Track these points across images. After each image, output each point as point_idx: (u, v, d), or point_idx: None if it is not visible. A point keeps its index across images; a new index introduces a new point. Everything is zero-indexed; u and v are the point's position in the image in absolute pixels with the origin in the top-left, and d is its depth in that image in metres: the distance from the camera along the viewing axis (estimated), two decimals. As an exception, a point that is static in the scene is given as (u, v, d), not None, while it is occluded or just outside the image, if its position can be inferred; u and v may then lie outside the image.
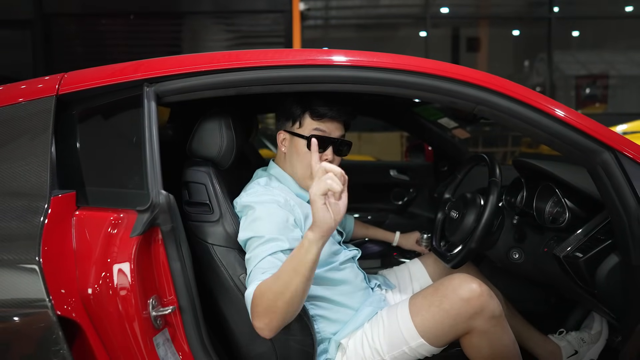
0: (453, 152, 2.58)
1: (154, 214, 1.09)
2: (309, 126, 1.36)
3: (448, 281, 1.26)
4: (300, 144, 1.37)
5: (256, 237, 1.21)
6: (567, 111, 1.19)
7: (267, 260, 1.16)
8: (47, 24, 6.87)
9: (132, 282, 1.06)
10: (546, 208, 1.49)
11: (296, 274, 1.06)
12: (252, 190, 1.34)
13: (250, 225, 1.24)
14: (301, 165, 1.37)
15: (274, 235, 1.20)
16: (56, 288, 1.01)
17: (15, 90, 1.24)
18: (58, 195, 1.10)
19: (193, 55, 1.26)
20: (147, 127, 1.15)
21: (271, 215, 1.25)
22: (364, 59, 1.23)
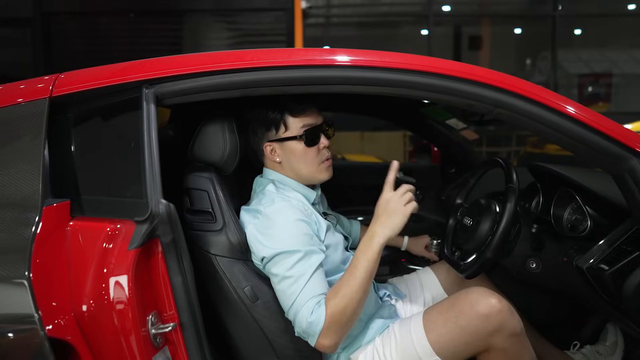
0: (461, 153, 2.52)
1: (154, 224, 1.03)
2: (295, 125, 1.31)
3: (465, 295, 1.20)
4: (295, 145, 1.31)
5: (289, 252, 1.16)
6: (592, 115, 1.12)
7: (316, 278, 1.16)
8: (46, 22, 6.81)
9: (129, 298, 0.99)
10: (564, 215, 1.42)
11: (366, 278, 1.14)
12: (268, 202, 1.26)
13: (275, 239, 1.19)
14: (305, 164, 1.33)
15: (308, 247, 1.18)
16: (47, 306, 0.94)
17: (6, 92, 1.17)
18: (51, 204, 1.03)
19: (195, 55, 1.19)
20: (146, 131, 1.08)
21: (297, 226, 1.21)
22: (376, 59, 1.16)
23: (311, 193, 1.37)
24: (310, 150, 1.31)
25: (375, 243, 1.15)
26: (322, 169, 1.35)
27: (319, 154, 1.33)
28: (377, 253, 1.15)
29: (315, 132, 1.32)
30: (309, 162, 1.32)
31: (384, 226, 1.16)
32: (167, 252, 1.07)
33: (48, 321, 0.92)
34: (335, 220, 1.48)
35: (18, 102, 1.13)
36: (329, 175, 1.37)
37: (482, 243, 1.41)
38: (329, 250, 1.28)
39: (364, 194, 2.66)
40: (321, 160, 1.34)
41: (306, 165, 1.33)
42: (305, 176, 1.35)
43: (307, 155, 1.32)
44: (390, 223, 1.16)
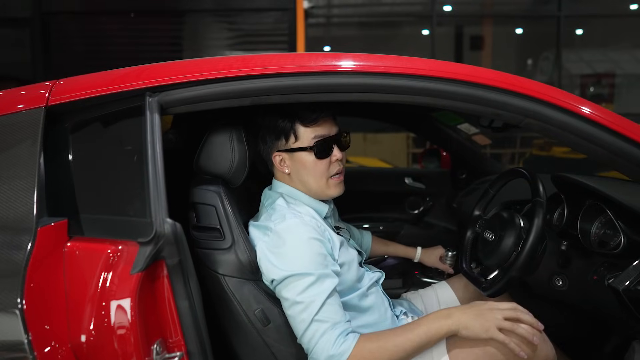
0: (472, 159, 2.44)
1: (159, 246, 0.94)
2: (306, 135, 1.22)
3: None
4: (305, 157, 1.22)
5: (300, 275, 1.08)
6: (632, 126, 1.04)
7: (330, 305, 1.08)
8: (45, 22, 6.73)
9: (132, 326, 0.91)
10: (592, 229, 1.34)
11: (414, 348, 1.06)
12: (277, 214, 1.18)
13: (286, 260, 1.11)
14: (314, 177, 1.24)
15: (321, 270, 1.10)
16: (42, 336, 0.86)
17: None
18: (46, 224, 0.95)
19: (202, 60, 1.11)
20: (150, 143, 1.00)
21: (310, 245, 1.12)
22: (396, 64, 1.08)
23: (323, 207, 1.29)
24: (320, 163, 1.22)
25: (445, 325, 1.07)
26: (332, 184, 1.25)
27: (329, 168, 1.24)
28: (440, 335, 1.07)
29: (328, 143, 1.23)
30: (318, 175, 1.23)
31: (461, 319, 1.07)
32: (173, 275, 0.98)
33: (41, 352, 0.84)
34: (348, 235, 1.40)
35: (11, 111, 1.05)
36: (339, 191, 1.28)
37: (506, 259, 1.33)
38: (343, 268, 1.20)
39: (368, 200, 2.60)
40: (331, 174, 1.25)
41: (315, 179, 1.24)
42: (314, 190, 1.26)
43: (317, 168, 1.23)
44: (471, 322, 1.06)
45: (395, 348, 1.05)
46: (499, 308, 1.08)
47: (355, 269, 1.26)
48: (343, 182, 1.29)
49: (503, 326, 1.06)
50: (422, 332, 1.06)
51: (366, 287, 1.27)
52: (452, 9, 7.75)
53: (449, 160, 2.64)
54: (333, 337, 1.04)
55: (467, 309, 1.09)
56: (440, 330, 1.07)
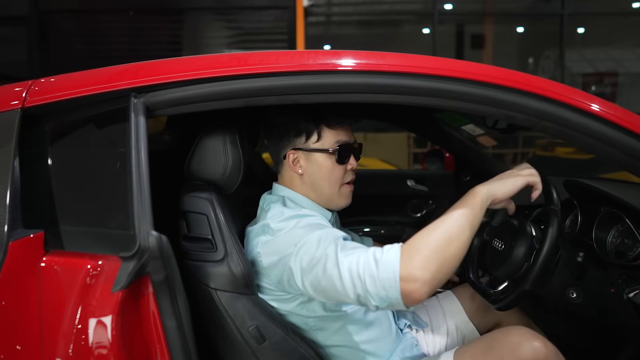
0: (477, 161, 2.36)
1: (142, 261, 0.86)
2: (330, 138, 1.18)
3: (504, 337, 1.04)
4: (323, 160, 1.18)
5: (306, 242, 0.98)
6: (658, 129, 0.96)
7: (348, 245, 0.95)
8: (43, 20, 6.67)
9: (113, 348, 0.83)
10: (608, 238, 1.26)
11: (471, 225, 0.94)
12: (277, 215, 1.10)
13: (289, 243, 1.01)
14: (329, 183, 1.19)
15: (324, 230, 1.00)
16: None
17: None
18: (20, 237, 0.87)
19: (192, 58, 1.03)
20: (134, 148, 0.91)
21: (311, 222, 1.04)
22: (402, 63, 1.00)
23: (326, 213, 1.23)
24: (338, 169, 1.19)
25: (475, 194, 0.97)
26: (344, 193, 1.22)
27: (344, 175, 1.21)
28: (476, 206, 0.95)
29: (348, 150, 1.20)
30: (333, 180, 1.19)
31: (491, 184, 1.01)
32: (159, 292, 0.90)
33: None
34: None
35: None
36: (347, 202, 1.24)
37: (516, 271, 1.25)
38: None
39: (370, 203, 2.52)
40: (345, 182, 1.21)
41: (330, 184, 1.19)
42: (325, 196, 1.20)
43: (334, 174, 1.19)
44: (500, 182, 1.02)
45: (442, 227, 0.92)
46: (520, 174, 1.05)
47: None
48: (352, 192, 1.24)
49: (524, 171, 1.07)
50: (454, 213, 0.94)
51: None
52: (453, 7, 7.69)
53: (452, 161, 2.56)
54: (372, 253, 0.91)
55: (491, 181, 1.03)
56: (475, 203, 0.96)
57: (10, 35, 6.92)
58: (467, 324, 1.44)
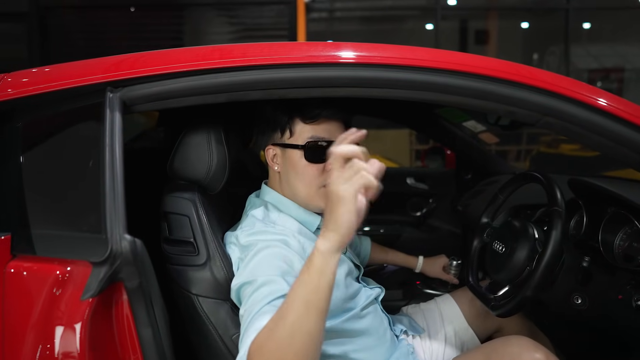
0: (479, 158, 2.30)
1: (115, 266, 0.80)
2: (303, 133, 1.07)
3: (503, 347, 0.98)
4: (296, 156, 1.07)
5: (248, 283, 0.90)
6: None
7: (266, 313, 0.82)
8: (43, 17, 6.63)
9: (82, 359, 0.77)
10: (616, 241, 1.19)
11: (308, 308, 0.73)
12: (248, 226, 1.04)
13: (244, 270, 0.94)
14: (303, 183, 1.08)
15: (270, 277, 0.89)
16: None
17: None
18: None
19: (171, 51, 0.97)
20: (109, 145, 0.86)
21: (272, 255, 0.95)
22: (395, 55, 0.94)
23: (314, 219, 1.12)
24: (311, 168, 1.06)
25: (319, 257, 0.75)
26: (322, 195, 1.06)
27: (321, 176, 1.07)
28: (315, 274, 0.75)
29: (324, 148, 1.05)
30: (306, 181, 1.07)
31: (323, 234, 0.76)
32: (134, 300, 0.85)
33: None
34: (345, 247, 1.24)
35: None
36: None
37: (518, 275, 1.19)
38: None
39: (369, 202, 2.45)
40: (322, 184, 1.07)
41: (304, 185, 1.07)
42: (301, 197, 1.10)
43: (307, 173, 1.07)
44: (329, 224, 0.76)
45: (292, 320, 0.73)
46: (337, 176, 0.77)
47: (343, 287, 1.09)
48: None
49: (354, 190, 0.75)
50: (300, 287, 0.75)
51: (360, 308, 1.12)
52: (456, 2, 7.62)
53: (453, 159, 2.50)
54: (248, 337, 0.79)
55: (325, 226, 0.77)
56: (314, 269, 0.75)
57: (10, 31, 6.91)
58: (466, 330, 1.38)
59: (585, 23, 7.82)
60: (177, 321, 1.01)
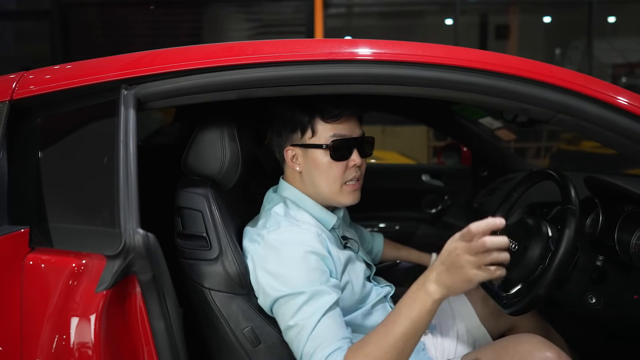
0: (495, 155, 2.27)
1: (128, 260, 0.83)
2: (325, 132, 1.09)
3: (513, 346, 0.98)
4: (320, 155, 1.09)
5: (292, 295, 0.96)
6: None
7: (326, 323, 0.94)
8: (65, 14, 6.77)
9: (96, 350, 0.80)
10: (632, 240, 1.17)
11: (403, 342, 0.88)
12: (273, 226, 1.05)
13: (278, 277, 0.98)
14: (327, 181, 1.10)
15: (317, 287, 0.97)
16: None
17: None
18: (3, 234, 0.85)
19: (184, 49, 0.99)
20: (123, 142, 0.88)
21: (306, 260, 0.99)
22: (407, 52, 0.94)
23: (331, 218, 1.14)
24: (336, 165, 1.09)
25: (425, 299, 0.87)
26: (346, 191, 1.11)
27: (345, 172, 1.10)
28: (426, 313, 0.87)
29: (347, 145, 1.09)
30: (331, 179, 1.10)
31: (439, 281, 0.87)
32: (147, 293, 0.87)
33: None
34: (357, 246, 1.25)
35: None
36: (353, 200, 1.13)
37: (530, 273, 1.18)
38: (345, 288, 1.07)
39: (383, 198, 2.45)
40: (346, 180, 1.11)
41: (328, 183, 1.10)
42: (324, 195, 1.12)
43: (331, 171, 1.09)
44: (448, 281, 0.86)
45: (382, 351, 0.88)
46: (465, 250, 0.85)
47: (360, 288, 1.13)
48: (359, 191, 1.14)
49: (478, 263, 0.84)
50: (405, 322, 0.88)
51: (371, 305, 1.13)
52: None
53: (469, 156, 2.47)
54: (323, 355, 0.91)
55: (438, 268, 0.87)
56: (424, 307, 0.87)
57: (33, 29, 7.07)
58: (478, 328, 1.37)
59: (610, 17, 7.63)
60: (189, 314, 1.03)
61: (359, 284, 1.12)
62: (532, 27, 8.11)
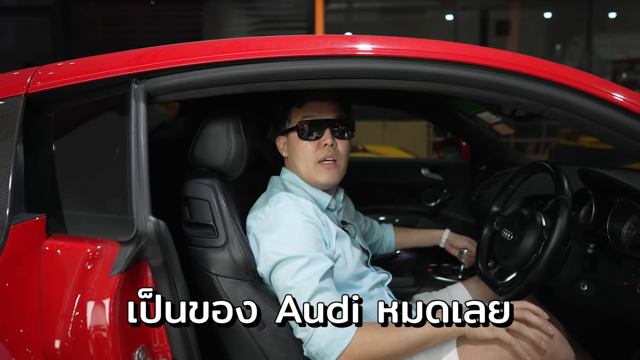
0: (493, 150, 2.31)
1: (140, 246, 0.87)
2: (296, 117, 1.20)
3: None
4: (294, 138, 1.20)
5: (292, 258, 1.03)
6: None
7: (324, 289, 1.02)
8: (67, 10, 6.78)
9: (111, 331, 0.84)
10: (623, 230, 1.21)
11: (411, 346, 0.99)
12: (274, 201, 1.14)
13: (278, 243, 1.06)
14: (301, 160, 1.19)
15: (314, 253, 1.04)
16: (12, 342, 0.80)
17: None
18: (22, 221, 0.89)
19: (192, 44, 1.03)
20: (134, 134, 0.92)
21: (305, 227, 1.07)
22: (405, 47, 0.97)
23: (325, 197, 1.22)
24: (306, 145, 1.18)
25: (452, 329, 0.99)
26: (320, 169, 1.18)
27: (317, 152, 1.18)
28: (446, 335, 1.00)
29: (316, 125, 1.18)
30: (304, 158, 1.18)
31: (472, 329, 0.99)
32: (158, 277, 0.91)
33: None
34: (354, 231, 1.31)
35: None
36: (329, 178, 1.19)
37: (525, 261, 1.22)
38: (338, 261, 1.13)
39: (383, 192, 2.49)
40: (319, 159, 1.18)
41: (303, 162, 1.19)
42: (304, 176, 1.21)
43: (304, 150, 1.18)
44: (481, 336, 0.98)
45: (399, 340, 0.99)
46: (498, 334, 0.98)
47: (353, 264, 1.18)
48: (335, 170, 1.20)
49: (510, 327, 0.96)
50: (428, 329, 0.99)
51: (368, 288, 1.19)
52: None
53: (468, 150, 2.51)
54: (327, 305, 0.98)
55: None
56: (447, 329, 0.99)
57: (35, 24, 7.07)
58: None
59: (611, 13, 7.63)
60: (198, 299, 1.07)
61: (352, 261, 1.18)
62: (532, 23, 8.12)
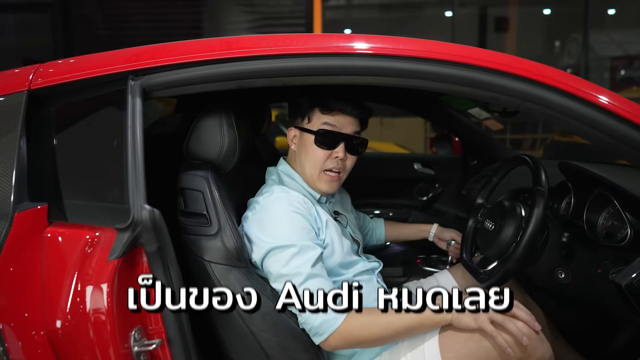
0: (484, 145, 2.37)
1: (136, 232, 0.93)
2: (318, 121, 1.23)
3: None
4: (309, 140, 1.23)
5: (282, 247, 1.10)
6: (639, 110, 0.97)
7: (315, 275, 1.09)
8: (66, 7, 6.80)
9: (109, 313, 0.90)
10: (599, 220, 1.27)
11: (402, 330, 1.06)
12: (268, 192, 1.21)
13: (269, 233, 1.13)
14: (309, 163, 1.24)
15: (304, 242, 1.12)
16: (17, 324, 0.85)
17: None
18: (25, 209, 0.94)
19: (186, 43, 1.08)
20: (131, 127, 0.97)
21: (293, 218, 1.14)
22: (387, 46, 1.03)
23: (315, 193, 1.28)
24: (319, 152, 1.22)
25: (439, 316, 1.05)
26: (324, 179, 1.24)
27: (326, 161, 1.23)
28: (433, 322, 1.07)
29: (334, 136, 1.22)
30: (312, 163, 1.23)
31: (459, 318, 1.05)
32: (152, 262, 0.97)
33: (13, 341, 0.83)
34: (345, 221, 1.36)
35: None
36: (329, 189, 1.26)
37: (505, 250, 1.28)
38: (326, 249, 1.19)
39: (376, 186, 2.55)
40: (325, 168, 1.23)
41: (310, 166, 1.24)
42: (306, 177, 1.26)
43: (315, 156, 1.23)
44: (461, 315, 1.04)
45: (387, 325, 1.05)
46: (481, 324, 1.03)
47: (340, 254, 1.24)
48: (337, 182, 1.27)
49: (494, 318, 1.02)
50: (416, 316, 1.05)
51: (352, 275, 1.24)
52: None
53: (460, 146, 2.56)
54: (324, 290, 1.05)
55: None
56: (435, 317, 1.05)
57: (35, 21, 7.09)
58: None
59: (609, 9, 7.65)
60: (191, 284, 1.13)
61: (340, 250, 1.24)
62: (531, 20, 8.13)
